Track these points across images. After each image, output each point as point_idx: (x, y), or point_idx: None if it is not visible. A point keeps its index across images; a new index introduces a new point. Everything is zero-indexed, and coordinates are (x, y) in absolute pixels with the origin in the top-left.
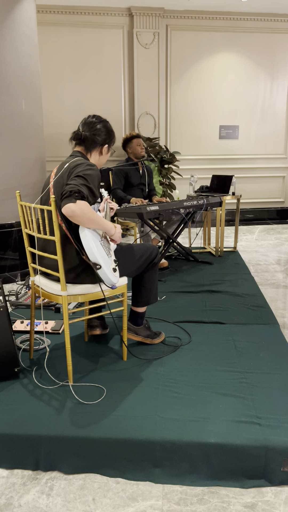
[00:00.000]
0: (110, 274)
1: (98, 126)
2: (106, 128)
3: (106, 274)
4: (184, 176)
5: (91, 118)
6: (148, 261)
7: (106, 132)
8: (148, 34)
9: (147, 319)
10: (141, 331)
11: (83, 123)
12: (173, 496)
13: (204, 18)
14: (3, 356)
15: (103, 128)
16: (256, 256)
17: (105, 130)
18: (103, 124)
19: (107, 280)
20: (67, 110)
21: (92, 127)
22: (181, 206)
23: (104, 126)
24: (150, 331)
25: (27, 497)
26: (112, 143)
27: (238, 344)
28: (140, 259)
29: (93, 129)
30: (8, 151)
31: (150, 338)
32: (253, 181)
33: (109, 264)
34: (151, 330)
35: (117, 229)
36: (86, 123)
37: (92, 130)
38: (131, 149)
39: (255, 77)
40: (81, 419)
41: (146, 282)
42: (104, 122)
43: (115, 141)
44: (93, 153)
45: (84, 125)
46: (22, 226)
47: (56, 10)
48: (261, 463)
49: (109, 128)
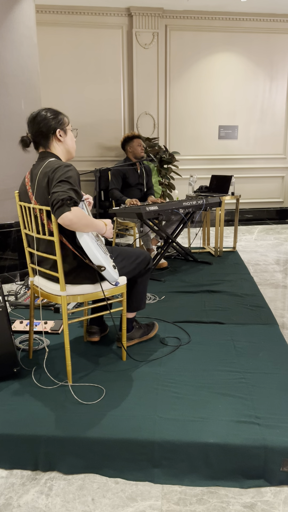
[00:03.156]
0: (113, 272)
1: (38, 119)
2: (47, 114)
3: (109, 273)
4: (183, 176)
5: (30, 116)
6: (143, 266)
7: (50, 118)
8: (148, 34)
9: (145, 318)
10: (134, 334)
11: (28, 126)
12: (173, 496)
13: (203, 18)
14: (3, 356)
15: (44, 115)
16: (255, 256)
17: (47, 117)
18: (44, 111)
19: (111, 278)
20: (67, 110)
21: (34, 123)
22: (180, 206)
23: (45, 113)
24: (142, 328)
25: (26, 497)
26: (64, 124)
27: (237, 344)
28: (135, 260)
29: (36, 124)
30: (8, 151)
31: (145, 335)
32: (252, 181)
33: (109, 262)
34: (143, 326)
35: (108, 225)
36: (28, 125)
37: (35, 126)
38: (131, 148)
39: (255, 77)
40: (80, 419)
41: (140, 287)
42: (44, 110)
43: (68, 121)
44: (52, 146)
45: (28, 126)
46: (21, 227)
47: (55, 10)
48: (261, 463)
49: (51, 112)
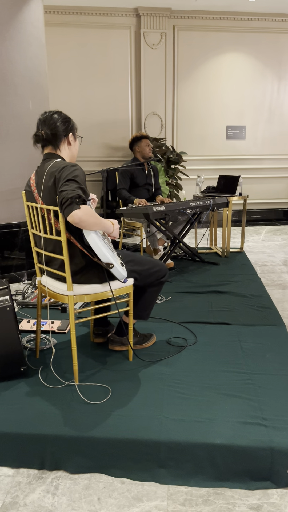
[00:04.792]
0: (121, 269)
1: (53, 119)
2: (62, 116)
3: (118, 270)
4: (190, 177)
5: (43, 115)
6: (156, 277)
7: (64, 121)
8: (155, 34)
9: (152, 318)
10: (127, 340)
11: (39, 123)
12: (178, 496)
13: (211, 18)
14: (10, 355)
15: (59, 117)
16: (262, 257)
17: (62, 119)
18: (58, 114)
19: (119, 275)
20: (74, 111)
21: (48, 122)
22: (187, 206)
23: (59, 116)
24: (137, 336)
25: (33, 496)
26: (75, 129)
27: (244, 345)
28: (149, 269)
29: (51, 124)
30: (15, 151)
31: (139, 344)
32: (260, 181)
33: (117, 259)
34: (139, 335)
35: (115, 225)
36: (41, 122)
37: (50, 125)
38: (139, 149)
39: (262, 77)
40: (87, 419)
41: (147, 297)
42: (57, 112)
43: (77, 128)
44: (61, 147)
45: (41, 124)
46: (29, 226)
47: (63, 10)
48: (267, 465)
49: (64, 116)
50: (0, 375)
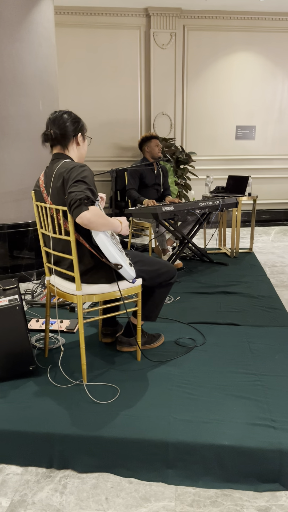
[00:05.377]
0: (129, 269)
1: (63, 119)
2: (71, 116)
3: (126, 271)
4: (199, 177)
5: (53, 114)
6: (164, 277)
7: (73, 121)
8: (165, 34)
9: (160, 318)
10: (135, 341)
11: (49, 123)
12: (186, 497)
13: (221, 18)
14: (19, 354)
15: (69, 117)
16: (272, 257)
17: (71, 119)
18: (68, 114)
19: (128, 276)
20: (84, 111)
21: (58, 121)
22: (196, 206)
23: (69, 116)
24: (145, 337)
25: (41, 494)
26: (85, 130)
27: (253, 346)
28: (157, 270)
29: (60, 123)
30: (25, 151)
31: (147, 344)
32: (270, 181)
33: (125, 260)
34: (147, 336)
35: (123, 223)
36: (51, 121)
37: (60, 125)
38: (148, 149)
39: (273, 77)
40: (95, 418)
41: (156, 298)
42: (67, 112)
43: (87, 128)
44: (70, 148)
45: (50, 123)
46: (38, 226)
47: (73, 11)
48: (276, 467)
49: (74, 116)
50: (9, 374)
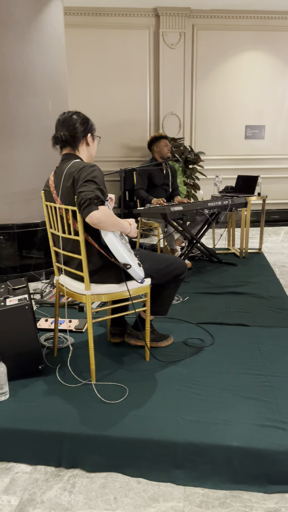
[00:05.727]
0: (138, 269)
1: (72, 120)
2: (80, 117)
3: (135, 271)
4: (208, 177)
5: (62, 116)
6: (174, 274)
7: (83, 122)
8: (174, 34)
9: (169, 319)
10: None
11: (58, 124)
12: (195, 498)
13: (230, 17)
14: (28, 353)
15: (78, 118)
16: (281, 258)
17: (80, 120)
18: (76, 115)
19: (136, 276)
20: (93, 111)
21: (67, 123)
22: (205, 206)
23: (78, 116)
24: (154, 334)
25: (50, 493)
26: (94, 130)
27: (262, 347)
28: (167, 267)
29: (69, 125)
30: (35, 152)
31: (155, 341)
32: (279, 181)
33: (134, 260)
34: (156, 333)
35: (132, 225)
36: (60, 122)
37: (69, 126)
38: (158, 149)
39: (283, 76)
40: (103, 418)
41: (165, 293)
42: (76, 113)
43: (95, 128)
44: (80, 148)
45: (59, 125)
46: (47, 226)
47: (82, 12)
48: (285, 468)
49: (83, 116)
50: (19, 373)
